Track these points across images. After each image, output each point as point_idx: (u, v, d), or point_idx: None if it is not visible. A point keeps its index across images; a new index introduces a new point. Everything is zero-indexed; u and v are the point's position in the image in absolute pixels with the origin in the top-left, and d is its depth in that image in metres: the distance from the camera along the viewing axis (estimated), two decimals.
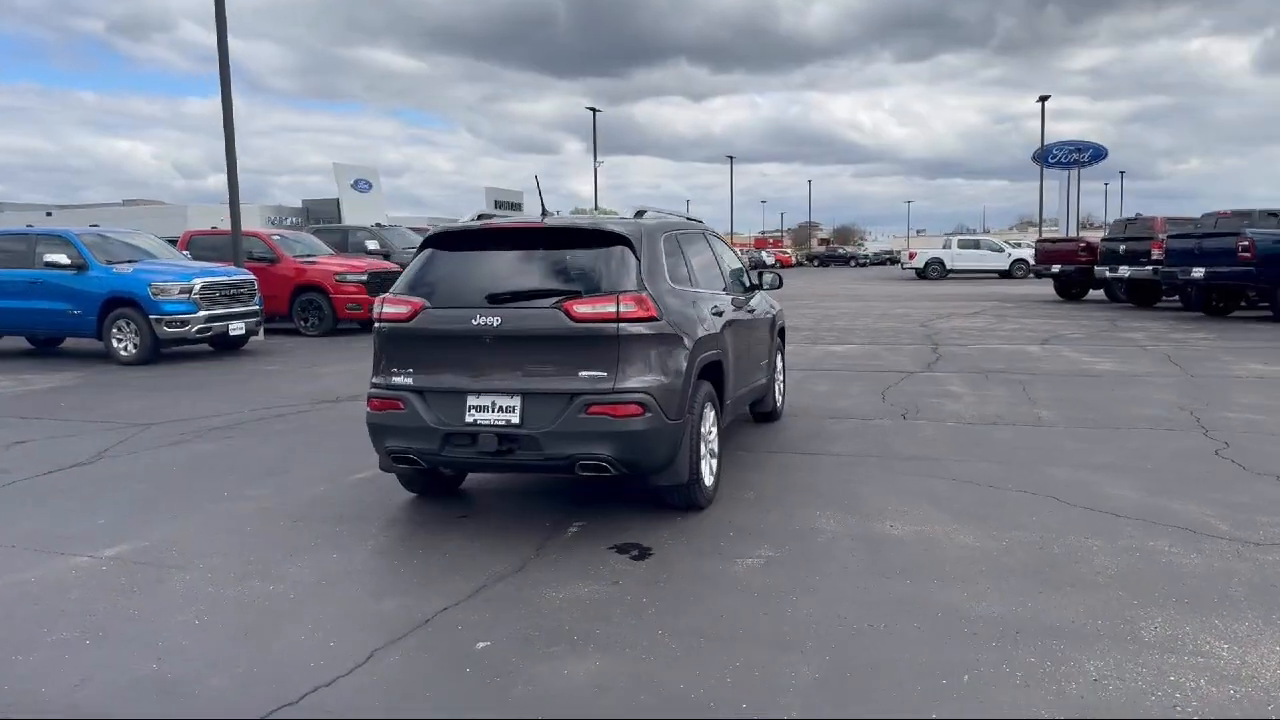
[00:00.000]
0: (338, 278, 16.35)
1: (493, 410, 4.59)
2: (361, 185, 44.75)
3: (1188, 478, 5.65)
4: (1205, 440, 6.67)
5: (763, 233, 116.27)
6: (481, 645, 3.45)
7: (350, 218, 34.58)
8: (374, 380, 4.90)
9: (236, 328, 13.32)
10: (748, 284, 6.99)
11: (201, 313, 12.66)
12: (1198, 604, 3.69)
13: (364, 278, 16.44)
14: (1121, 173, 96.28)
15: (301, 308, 16.45)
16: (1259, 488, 5.37)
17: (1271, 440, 6.61)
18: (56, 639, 3.57)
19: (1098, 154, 57.04)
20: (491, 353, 4.61)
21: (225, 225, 18.53)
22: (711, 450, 5.23)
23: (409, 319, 4.74)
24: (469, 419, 4.61)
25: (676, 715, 2.90)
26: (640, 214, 5.46)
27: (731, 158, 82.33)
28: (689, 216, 6.72)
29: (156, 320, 12.34)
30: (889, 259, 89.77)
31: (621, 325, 4.49)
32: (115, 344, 12.53)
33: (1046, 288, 27.24)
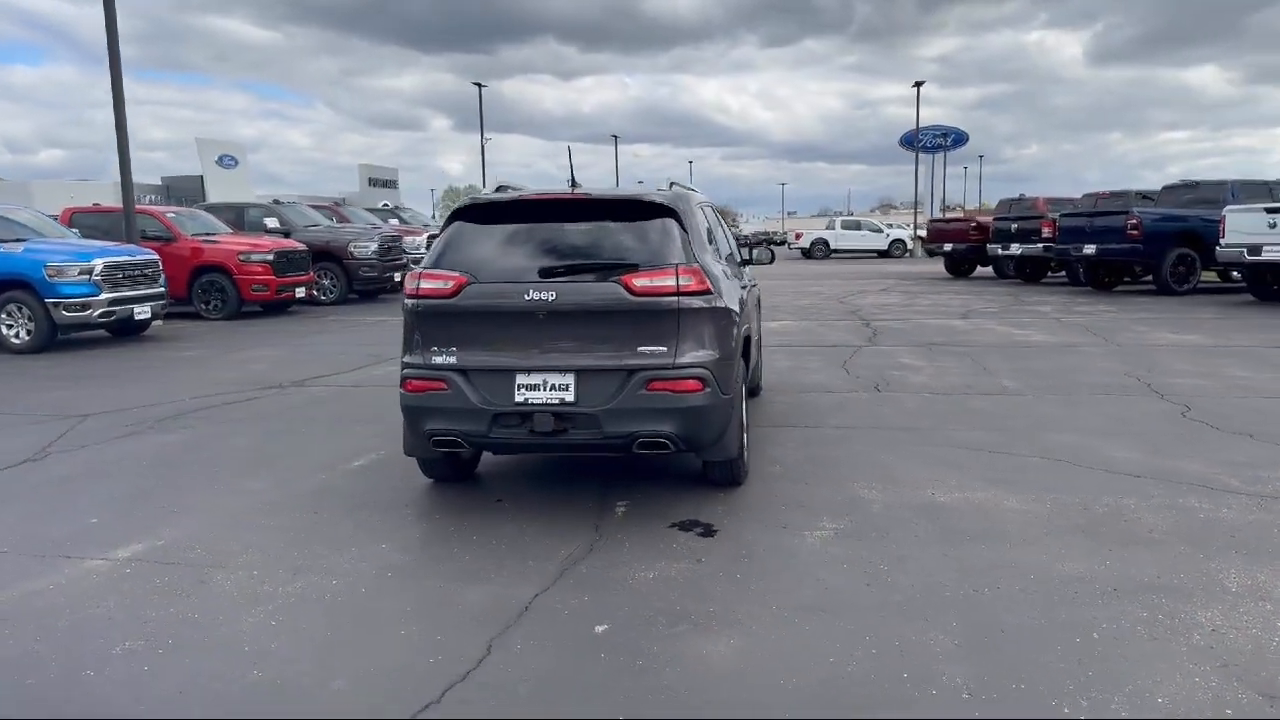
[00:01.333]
0: (241, 257, 15.43)
1: (545, 389, 4.41)
2: (227, 161, 42.09)
3: (1174, 439, 5.98)
4: (1167, 404, 7.08)
5: None
6: (601, 629, 3.31)
7: (216, 195, 32.60)
8: (408, 360, 4.62)
9: (142, 311, 12.42)
10: (738, 259, 6.96)
11: (104, 295, 11.72)
12: (1258, 554, 3.90)
13: (270, 257, 15.59)
14: (980, 156, 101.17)
15: (202, 289, 15.46)
16: (1242, 446, 5.73)
17: (1223, 402, 7.08)
18: (123, 650, 3.22)
19: (959, 139, 59.79)
20: (544, 328, 4.41)
21: (74, 203, 17.33)
22: (743, 424, 5.19)
23: (452, 295, 4.48)
24: (519, 398, 4.42)
25: (848, 689, 2.86)
26: (671, 185, 5.34)
27: (616, 137, 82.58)
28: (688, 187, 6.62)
29: (54, 304, 11.38)
30: (765, 240, 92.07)
31: (681, 299, 4.38)
32: (5, 330, 11.48)
33: (932, 265, 28.44)
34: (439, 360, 4.51)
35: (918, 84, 45.94)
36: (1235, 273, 17.82)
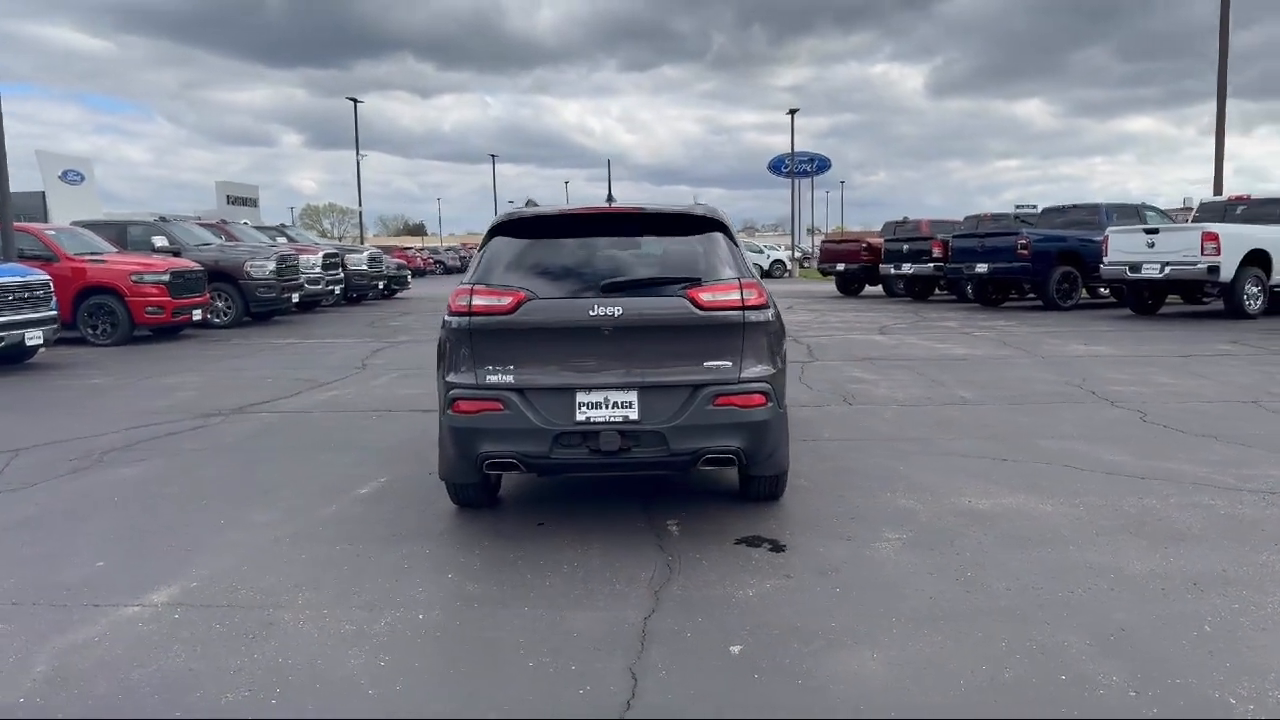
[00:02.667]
0: (134, 278, 14.44)
1: (607, 406, 4.29)
2: (72, 176, 38.98)
3: (1150, 442, 6.36)
4: (1122, 410, 7.53)
5: None
6: (736, 649, 3.23)
7: (60, 213, 30.27)
8: (455, 380, 4.40)
9: (34, 336, 11.45)
10: None
11: None
12: (1262, 542, 4.18)
13: (165, 278, 14.65)
14: (842, 182, 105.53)
15: (89, 313, 14.36)
16: (1214, 447, 6.15)
17: (1170, 408, 7.58)
18: (231, 701, 2.92)
19: (823, 165, 62.35)
20: (606, 345, 4.29)
21: None
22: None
23: (510, 311, 4.31)
24: (580, 417, 4.28)
25: (1017, 692, 2.88)
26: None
27: (494, 156, 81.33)
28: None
29: None
30: None
31: (746, 313, 4.36)
32: None
33: (817, 285, 29.49)
34: (494, 379, 4.32)
35: (792, 111, 47.64)
36: (1104, 289, 19.21)
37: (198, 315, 15.28)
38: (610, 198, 5.02)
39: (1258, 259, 15.13)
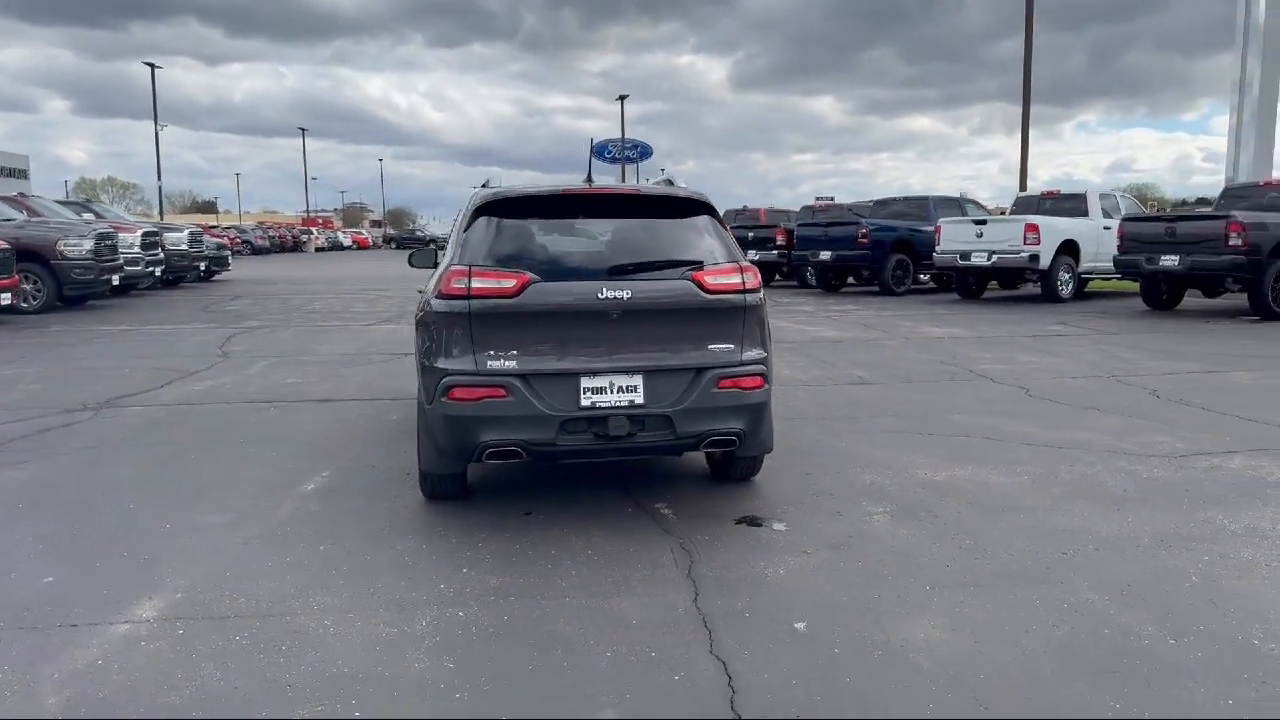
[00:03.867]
0: None
1: (612, 391, 4.22)
2: None
3: (1045, 416, 6.94)
4: (1006, 387, 8.17)
5: (309, 212, 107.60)
6: (800, 626, 3.29)
7: None
8: (450, 366, 4.20)
9: None
10: None
11: None
12: (1222, 503, 4.69)
13: None
14: (662, 169, 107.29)
15: None
16: (1102, 419, 6.79)
17: (1044, 383, 8.29)
18: (316, 716, 2.68)
19: (645, 152, 63.28)
20: (613, 328, 4.22)
21: None
22: None
23: (515, 294, 4.14)
24: (585, 402, 4.20)
25: (1085, 648, 3.10)
26: (670, 182, 5.29)
27: (304, 129, 77.20)
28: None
29: None
30: None
31: (746, 296, 4.41)
32: None
33: None
34: (496, 365, 4.16)
35: (621, 98, 48.05)
36: (923, 276, 20.60)
37: (6, 299, 13.67)
38: (589, 179, 4.92)
39: (1069, 248, 16.75)
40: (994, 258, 16.64)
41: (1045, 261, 16.39)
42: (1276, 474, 5.20)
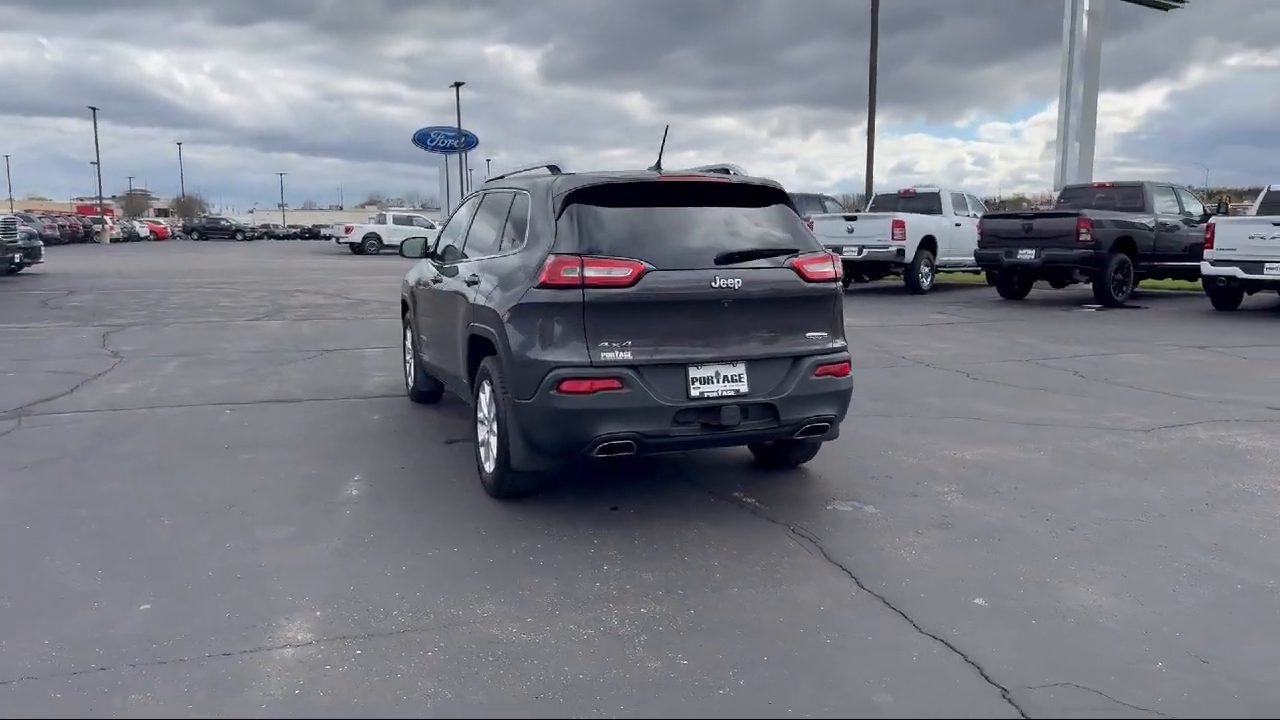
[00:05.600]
0: None
1: (718, 380, 4.21)
2: None
3: (1002, 396, 7.44)
4: (948, 371, 8.68)
5: (81, 200, 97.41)
6: (980, 601, 3.42)
7: None
8: (559, 359, 4.04)
9: None
10: None
11: None
12: (1225, 470, 5.23)
13: None
14: (488, 160, 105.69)
15: None
16: (1053, 397, 7.36)
17: (979, 367, 8.88)
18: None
19: (470, 141, 62.32)
20: (721, 317, 4.20)
21: None
22: None
23: (631, 284, 4.04)
24: (694, 392, 4.16)
25: (1231, 603, 3.39)
26: (726, 171, 5.26)
27: (95, 109, 70.38)
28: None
29: None
30: (266, 233, 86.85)
31: (837, 284, 4.50)
32: None
33: None
34: (611, 356, 4.05)
35: (457, 85, 46.90)
36: None
37: None
38: (659, 166, 4.85)
39: (929, 244, 17.93)
40: (864, 251, 17.56)
41: (910, 255, 17.47)
42: (1243, 442, 5.85)
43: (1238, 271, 13.47)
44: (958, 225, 18.58)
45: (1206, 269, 13.91)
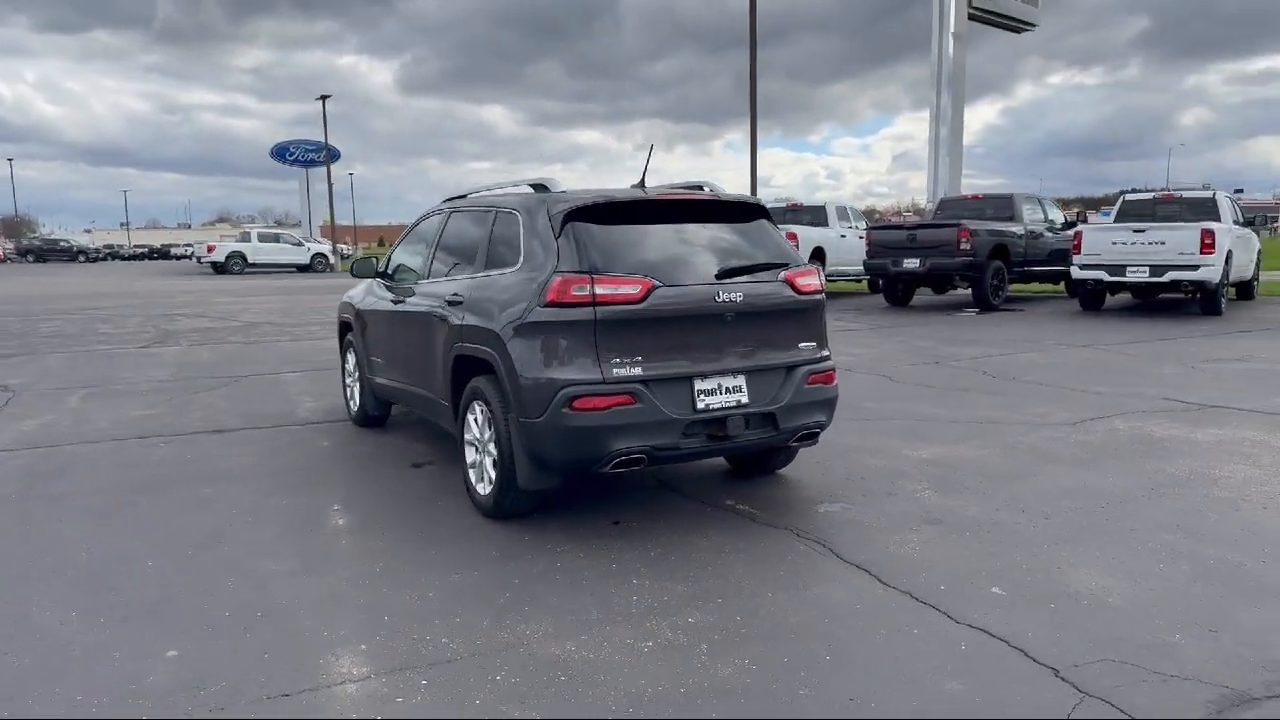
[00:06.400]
0: None
1: (720, 392, 4.33)
2: None
3: (930, 397, 7.85)
4: (871, 375, 9.07)
5: None
6: (998, 590, 3.64)
7: None
8: (570, 376, 4.06)
9: None
10: None
11: None
12: (1154, 457, 5.71)
13: None
14: (351, 174, 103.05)
15: None
16: (975, 397, 7.83)
17: (896, 370, 9.33)
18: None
19: (333, 155, 60.72)
20: (722, 330, 4.32)
21: None
22: None
23: (641, 299, 4.10)
24: (700, 404, 4.26)
25: (1228, 581, 3.74)
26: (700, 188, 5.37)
27: None
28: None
29: None
30: (111, 253, 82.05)
31: (823, 296, 4.69)
32: None
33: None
34: (622, 372, 4.10)
35: (323, 98, 45.50)
36: None
37: None
38: (643, 183, 4.92)
39: (818, 254, 18.63)
40: None
41: None
42: (1158, 431, 6.39)
43: (1104, 275, 14.61)
44: (843, 237, 19.41)
45: (1076, 273, 15.02)
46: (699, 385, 4.27)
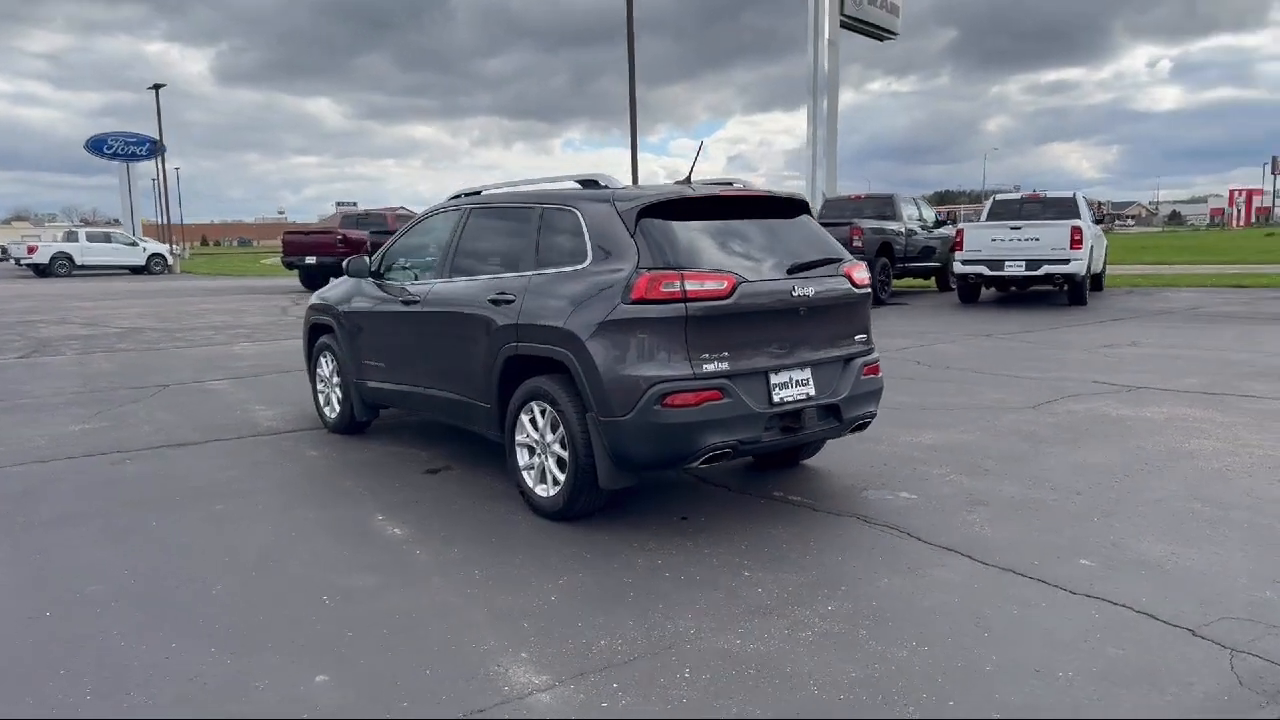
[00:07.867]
0: None
1: (791, 385, 4.41)
2: None
3: (910, 390, 8.20)
4: None
5: None
6: (1085, 562, 3.90)
7: None
8: (660, 373, 4.04)
9: None
10: None
11: None
12: (1129, 436, 6.21)
13: None
14: (177, 168, 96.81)
15: None
16: (926, 385, 8.24)
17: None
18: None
19: (154, 148, 56.94)
20: (795, 324, 4.40)
21: None
22: None
23: (728, 295, 4.12)
24: (776, 398, 4.34)
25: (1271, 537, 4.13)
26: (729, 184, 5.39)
27: None
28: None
29: None
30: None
31: (870, 290, 4.85)
32: None
33: (273, 281, 27.64)
34: (711, 368, 4.12)
35: (156, 87, 42.51)
36: None
37: None
38: (689, 180, 4.93)
39: None
40: None
41: None
42: (1113, 411, 6.95)
43: (984, 269, 15.65)
44: None
45: (959, 268, 16.01)
46: (774, 379, 4.34)
